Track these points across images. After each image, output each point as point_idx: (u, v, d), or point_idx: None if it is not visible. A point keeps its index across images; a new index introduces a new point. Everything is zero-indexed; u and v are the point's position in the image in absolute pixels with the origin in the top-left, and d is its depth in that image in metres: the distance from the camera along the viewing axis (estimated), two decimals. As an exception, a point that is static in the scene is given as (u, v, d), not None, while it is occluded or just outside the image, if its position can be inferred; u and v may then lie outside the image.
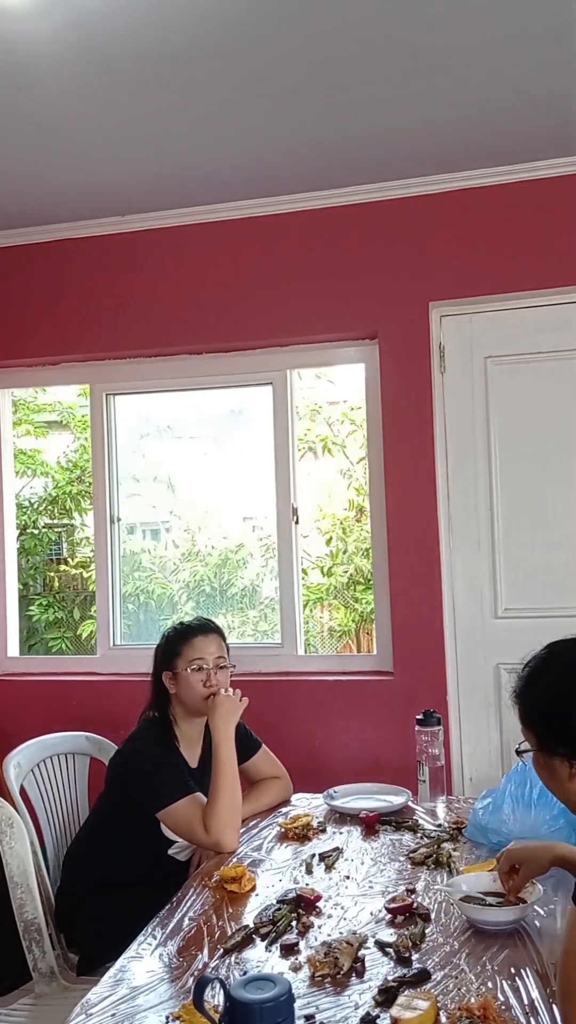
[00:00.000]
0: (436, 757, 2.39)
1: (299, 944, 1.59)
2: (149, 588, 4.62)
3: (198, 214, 3.42)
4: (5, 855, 2.00)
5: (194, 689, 2.28)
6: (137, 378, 3.62)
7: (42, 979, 1.98)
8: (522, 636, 3.05)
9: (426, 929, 1.62)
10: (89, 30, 2.25)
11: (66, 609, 5.26)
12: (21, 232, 3.57)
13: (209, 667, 2.30)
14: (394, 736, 3.08)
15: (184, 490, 4.48)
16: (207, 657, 2.31)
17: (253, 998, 1.19)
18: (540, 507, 3.16)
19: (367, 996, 1.41)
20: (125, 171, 3.08)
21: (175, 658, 2.31)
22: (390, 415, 3.26)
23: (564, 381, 3.15)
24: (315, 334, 3.37)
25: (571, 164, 3.09)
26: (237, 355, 3.49)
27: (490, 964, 1.49)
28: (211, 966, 1.54)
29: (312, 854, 2.04)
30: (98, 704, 3.36)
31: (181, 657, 2.30)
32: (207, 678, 2.28)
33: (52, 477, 5.33)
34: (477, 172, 3.15)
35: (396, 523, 3.24)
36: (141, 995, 1.46)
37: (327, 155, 3.01)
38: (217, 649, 2.34)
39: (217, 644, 2.35)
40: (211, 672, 2.29)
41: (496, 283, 3.17)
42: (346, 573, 4.98)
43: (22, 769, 2.36)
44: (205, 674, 2.29)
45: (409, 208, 3.25)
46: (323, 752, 3.22)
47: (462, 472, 3.24)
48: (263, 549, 4.48)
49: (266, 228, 3.38)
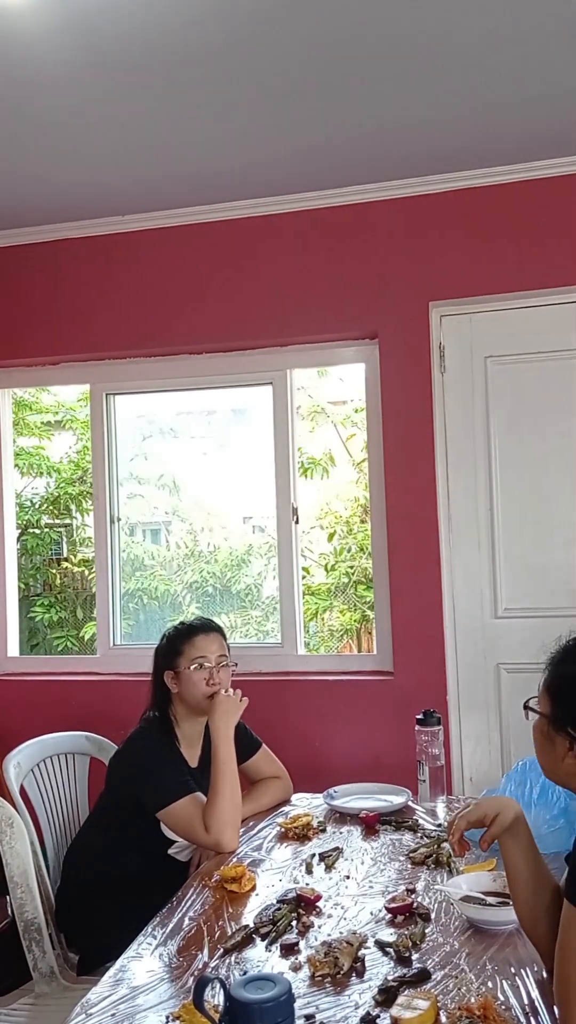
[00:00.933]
0: (436, 757, 2.38)
1: (299, 944, 1.59)
2: (152, 586, 4.62)
3: (198, 214, 3.42)
4: (5, 855, 2.00)
5: (197, 687, 2.28)
6: (137, 378, 3.62)
7: (42, 979, 1.98)
8: (522, 636, 3.08)
9: (426, 929, 1.62)
10: (89, 30, 2.25)
11: (68, 609, 5.27)
12: (21, 232, 3.58)
13: (211, 665, 2.30)
14: (394, 736, 3.08)
15: (185, 490, 4.48)
16: (209, 655, 2.30)
17: (253, 998, 1.19)
18: (540, 507, 3.16)
19: (367, 996, 1.41)
20: (125, 171, 3.08)
21: (177, 657, 2.31)
22: (390, 415, 3.26)
23: (564, 381, 3.15)
24: (315, 334, 3.38)
25: (571, 164, 3.09)
26: (237, 355, 3.49)
27: (490, 964, 1.49)
28: (211, 966, 1.54)
29: (312, 854, 2.04)
30: (98, 704, 3.36)
31: (183, 656, 2.30)
32: (210, 676, 2.28)
33: (58, 472, 5.33)
34: (477, 172, 3.15)
35: (396, 523, 3.24)
36: (141, 995, 1.46)
37: (327, 155, 3.01)
38: (219, 648, 2.34)
39: (219, 643, 2.35)
40: (213, 671, 2.29)
41: (496, 283, 3.17)
42: (352, 569, 4.98)
43: (22, 769, 2.36)
44: (208, 672, 2.28)
45: (409, 208, 3.25)
46: (323, 752, 3.22)
47: (462, 472, 3.24)
48: (265, 548, 4.48)
49: (266, 228, 3.38)
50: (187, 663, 2.29)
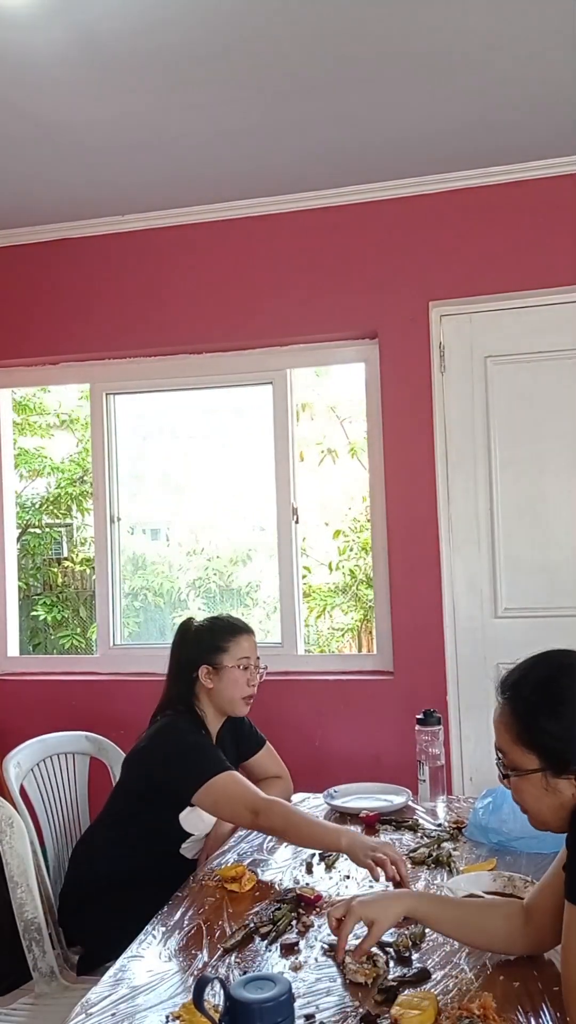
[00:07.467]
0: (436, 757, 2.38)
1: (299, 944, 1.59)
2: (155, 584, 4.63)
3: (198, 214, 3.42)
4: (5, 855, 2.00)
5: (238, 686, 2.27)
6: (137, 378, 3.62)
7: (42, 978, 1.98)
8: (522, 636, 3.09)
9: (426, 928, 1.62)
10: (89, 30, 2.25)
11: (71, 608, 5.27)
12: (21, 232, 3.58)
13: (255, 668, 2.30)
14: (394, 736, 3.08)
15: (186, 490, 4.48)
16: (252, 657, 2.31)
17: (253, 998, 1.19)
18: (540, 507, 3.17)
19: (367, 995, 1.40)
20: (125, 171, 3.08)
21: (220, 654, 2.28)
22: (390, 415, 3.26)
23: (564, 381, 3.15)
24: (315, 334, 3.38)
25: (571, 164, 3.09)
26: (237, 355, 3.49)
27: (490, 963, 1.49)
28: (211, 965, 1.54)
29: (312, 854, 2.03)
30: (98, 704, 3.36)
31: (228, 654, 2.28)
32: (251, 677, 2.28)
33: (59, 472, 5.34)
34: (477, 172, 3.15)
35: (396, 523, 3.24)
36: (141, 994, 1.46)
37: (327, 155, 3.01)
38: (256, 650, 2.35)
39: (255, 645, 2.36)
40: (254, 673, 2.30)
41: (496, 283, 3.17)
42: (358, 567, 4.99)
43: (22, 769, 2.36)
44: (250, 673, 2.29)
45: (409, 208, 3.25)
46: (323, 751, 3.22)
47: (462, 472, 3.24)
48: (267, 547, 4.49)
49: (266, 228, 3.38)
50: (233, 661, 2.27)
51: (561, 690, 1.35)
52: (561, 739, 1.32)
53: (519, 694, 1.38)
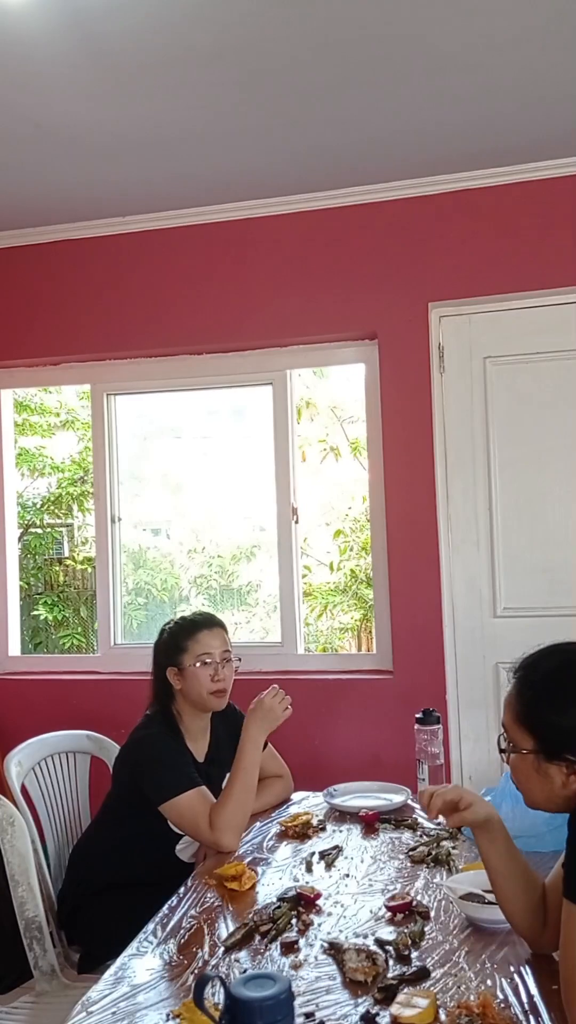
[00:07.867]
0: (435, 756, 2.39)
1: (299, 942, 1.60)
2: (160, 579, 4.63)
3: (198, 214, 3.42)
4: (6, 853, 2.01)
5: (202, 684, 2.26)
6: (137, 378, 3.63)
7: (43, 977, 1.99)
8: (521, 635, 3.06)
9: (425, 927, 1.62)
10: (89, 30, 2.25)
11: (72, 607, 5.28)
12: (21, 232, 3.58)
13: (216, 661, 2.28)
14: (394, 734, 3.08)
15: (186, 490, 4.49)
16: (213, 651, 2.28)
17: (253, 996, 1.19)
18: (539, 507, 3.17)
19: (367, 994, 1.41)
20: (125, 171, 3.08)
21: (180, 654, 2.28)
22: (390, 415, 3.26)
23: (563, 381, 3.16)
24: (315, 334, 3.38)
25: (571, 164, 3.09)
26: (237, 355, 3.49)
27: (489, 962, 1.49)
28: (211, 964, 1.54)
29: (312, 852, 2.04)
30: (99, 703, 3.37)
31: (187, 653, 2.27)
32: (215, 673, 2.27)
33: (60, 472, 5.34)
34: (477, 172, 3.16)
35: (396, 522, 3.25)
36: (141, 993, 1.46)
37: (327, 156, 3.01)
38: (222, 643, 2.32)
39: (222, 638, 2.33)
40: (218, 667, 2.28)
41: (496, 283, 3.18)
42: (358, 567, 4.99)
43: (23, 768, 2.36)
44: (213, 668, 2.27)
45: (409, 208, 3.25)
46: (323, 750, 3.23)
47: (462, 472, 3.25)
48: (268, 547, 4.49)
49: (266, 229, 3.38)
50: (191, 660, 2.26)
51: (567, 682, 1.39)
52: (558, 727, 1.36)
53: (528, 678, 1.43)
